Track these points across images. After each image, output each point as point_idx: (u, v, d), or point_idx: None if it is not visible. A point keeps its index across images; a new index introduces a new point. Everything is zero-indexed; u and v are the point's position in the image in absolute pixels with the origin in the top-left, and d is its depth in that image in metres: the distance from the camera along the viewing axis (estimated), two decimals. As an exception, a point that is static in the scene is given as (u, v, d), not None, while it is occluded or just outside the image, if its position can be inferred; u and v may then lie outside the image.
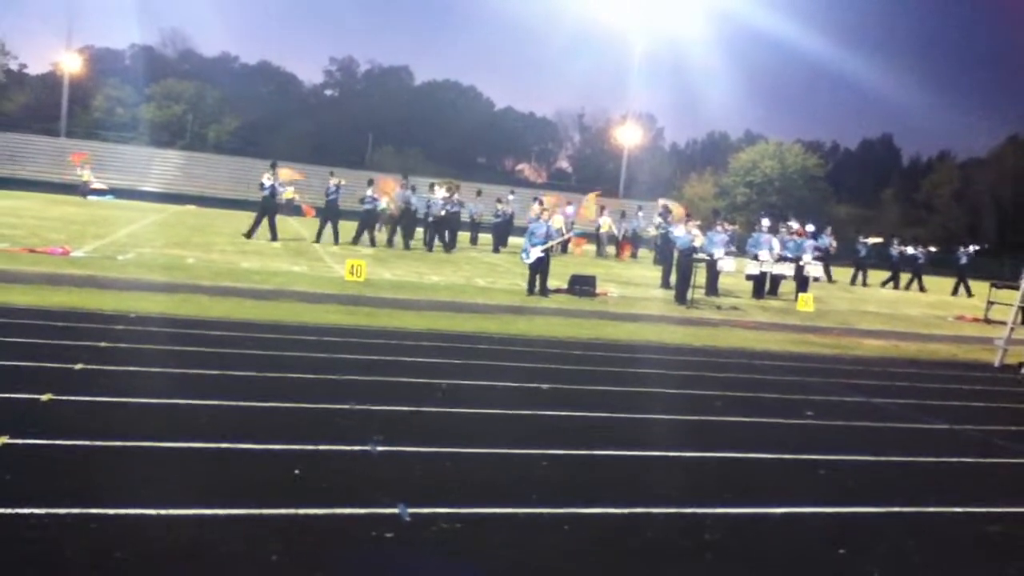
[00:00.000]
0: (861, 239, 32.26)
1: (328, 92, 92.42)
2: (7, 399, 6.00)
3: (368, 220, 24.43)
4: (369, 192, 24.16)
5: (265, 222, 22.58)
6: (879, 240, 32.75)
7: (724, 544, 4.59)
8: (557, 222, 28.52)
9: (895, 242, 32.36)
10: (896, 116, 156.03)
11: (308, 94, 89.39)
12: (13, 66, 69.69)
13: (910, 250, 31.64)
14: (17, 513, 4.07)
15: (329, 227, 23.69)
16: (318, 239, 23.34)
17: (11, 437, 5.11)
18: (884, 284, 30.59)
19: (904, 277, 30.87)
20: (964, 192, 70.30)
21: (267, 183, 22.38)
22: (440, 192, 26.07)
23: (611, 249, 33.36)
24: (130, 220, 26.57)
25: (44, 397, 6.06)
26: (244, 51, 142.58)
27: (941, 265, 35.98)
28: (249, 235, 22.23)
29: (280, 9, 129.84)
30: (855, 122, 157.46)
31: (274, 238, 22.19)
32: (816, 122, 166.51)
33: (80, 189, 41.47)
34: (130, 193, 45.31)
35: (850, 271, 31.28)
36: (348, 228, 24.42)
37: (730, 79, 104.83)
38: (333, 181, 24.13)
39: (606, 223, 33.23)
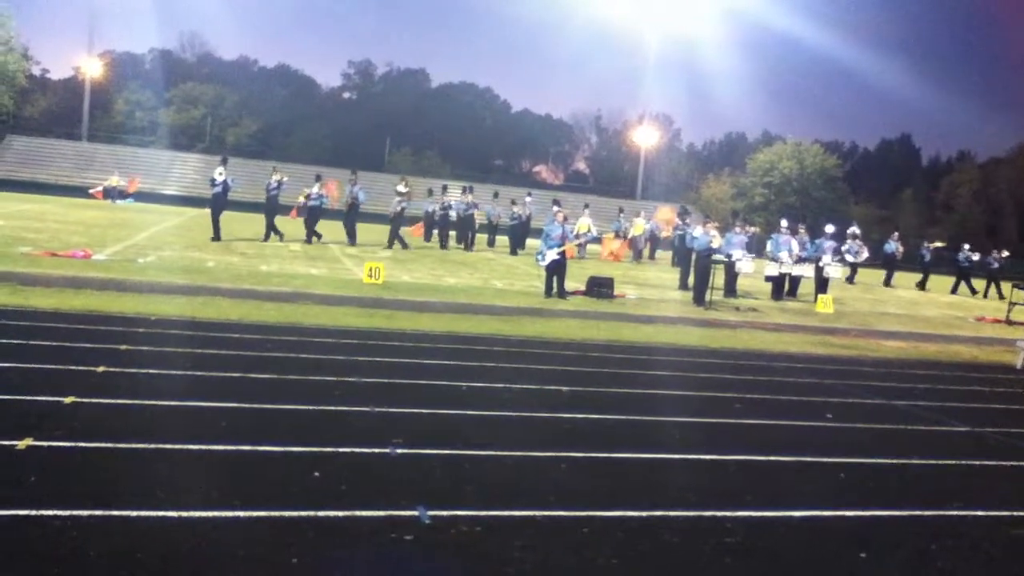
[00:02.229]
0: (926, 244, 31.23)
1: (346, 95, 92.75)
2: (31, 401, 6.06)
3: (315, 216, 23.69)
4: (315, 188, 23.45)
5: (242, 220, 21.61)
6: (942, 244, 31.81)
7: (744, 547, 4.58)
8: (583, 226, 28.37)
9: (965, 247, 31.11)
10: (915, 116, 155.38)
11: (326, 97, 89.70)
12: (35, 71, 70.39)
13: (977, 256, 30.34)
14: (41, 514, 4.11)
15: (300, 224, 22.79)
16: (267, 237, 22.66)
17: (35, 439, 5.16)
18: (954, 290, 29.53)
19: (976, 283, 29.59)
20: (984, 192, 69.69)
21: (218, 179, 21.03)
22: (399, 188, 25.67)
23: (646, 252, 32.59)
24: (150, 223, 26.74)
25: (67, 399, 6.13)
26: (262, 54, 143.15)
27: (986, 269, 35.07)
28: (216, 237, 21.09)
29: (298, 12, 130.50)
30: (874, 122, 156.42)
31: (216, 237, 21.11)
32: (834, 122, 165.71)
33: (110, 193, 42.49)
34: (150, 197, 45.67)
35: (904, 275, 30.48)
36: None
37: (747, 79, 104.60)
38: (275, 177, 22.98)
39: (640, 226, 32.44)
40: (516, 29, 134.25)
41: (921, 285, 29.76)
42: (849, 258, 29.52)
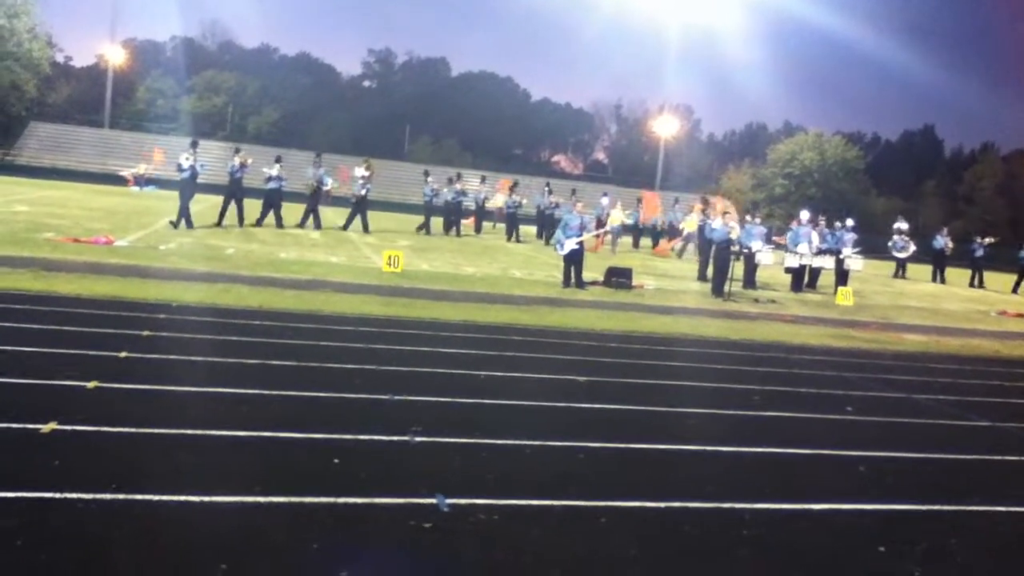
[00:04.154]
0: (978, 240, 29.98)
1: (366, 83, 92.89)
2: (55, 386, 6.13)
3: (272, 199, 22.67)
4: (275, 171, 22.47)
5: (217, 207, 20.45)
6: (994, 240, 30.62)
7: (762, 540, 4.57)
8: (616, 218, 28.18)
9: None
10: (938, 107, 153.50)
11: (346, 85, 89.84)
12: (59, 58, 70.97)
13: None
14: (65, 498, 4.16)
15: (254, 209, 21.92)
16: (220, 222, 21.44)
17: (59, 423, 5.22)
18: (1015, 288, 27.49)
19: None
20: (1007, 185, 68.94)
21: (185, 164, 19.68)
22: (359, 172, 25.40)
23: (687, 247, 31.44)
24: (171, 211, 26.86)
25: (90, 384, 6.19)
26: (283, 43, 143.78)
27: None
28: (176, 224, 19.88)
29: (318, 1, 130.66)
30: (896, 113, 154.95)
31: (178, 224, 19.87)
32: (856, 113, 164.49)
33: (138, 181, 43.07)
34: (172, 184, 45.95)
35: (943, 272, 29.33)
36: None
37: (769, 69, 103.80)
38: (237, 159, 21.70)
39: (691, 222, 31.22)
40: (537, 18, 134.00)
41: (973, 282, 28.69)
42: (896, 253, 29.11)
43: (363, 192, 24.93)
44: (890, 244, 29.63)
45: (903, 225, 29.41)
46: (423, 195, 28.14)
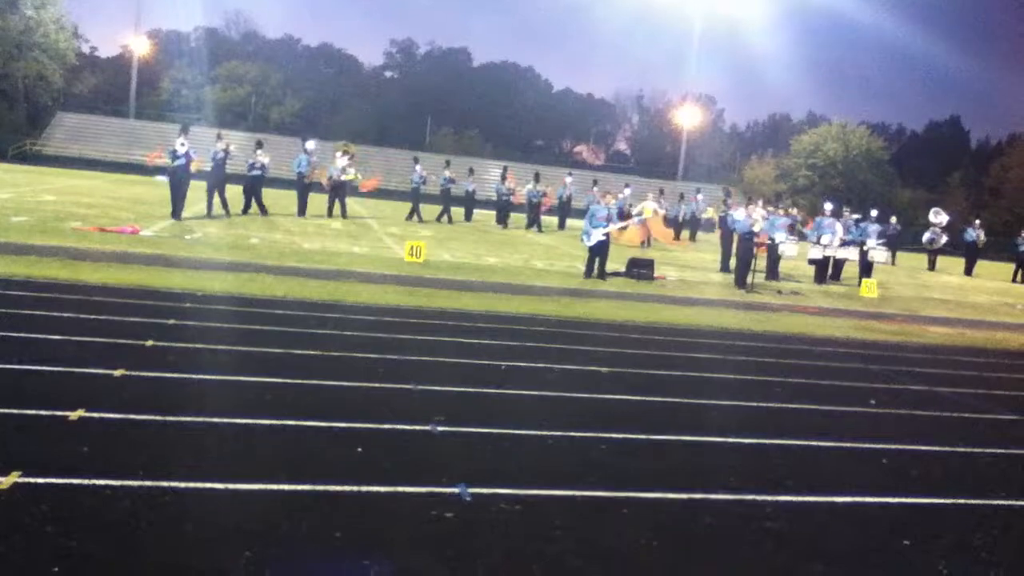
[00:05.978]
0: (1022, 234, 29.32)
1: (388, 74, 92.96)
2: (82, 374, 6.21)
3: (255, 186, 22.24)
4: (259, 157, 21.98)
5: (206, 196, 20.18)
6: None
7: (785, 532, 4.56)
8: (649, 210, 28.15)
9: None
10: (965, 97, 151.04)
11: (368, 76, 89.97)
12: (85, 49, 71.70)
13: None
14: (94, 484, 4.22)
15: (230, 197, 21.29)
16: (208, 212, 20.80)
17: (86, 410, 5.29)
18: None
19: None
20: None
21: (180, 151, 18.62)
22: (340, 159, 25.10)
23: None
24: (195, 200, 27.05)
25: (117, 372, 6.26)
26: (306, 33, 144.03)
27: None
28: (175, 215, 18.93)
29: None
30: (922, 103, 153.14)
31: (177, 215, 18.99)
32: (881, 104, 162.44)
33: (167, 171, 43.55)
34: (194, 174, 46.25)
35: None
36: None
37: (793, 59, 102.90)
38: (220, 145, 20.72)
39: (710, 211, 31.47)
40: (559, 7, 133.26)
41: (1016, 278, 28.09)
42: (928, 246, 28.67)
43: (341, 178, 24.80)
44: (924, 239, 29.15)
45: (936, 219, 28.81)
46: (411, 182, 28.16)
